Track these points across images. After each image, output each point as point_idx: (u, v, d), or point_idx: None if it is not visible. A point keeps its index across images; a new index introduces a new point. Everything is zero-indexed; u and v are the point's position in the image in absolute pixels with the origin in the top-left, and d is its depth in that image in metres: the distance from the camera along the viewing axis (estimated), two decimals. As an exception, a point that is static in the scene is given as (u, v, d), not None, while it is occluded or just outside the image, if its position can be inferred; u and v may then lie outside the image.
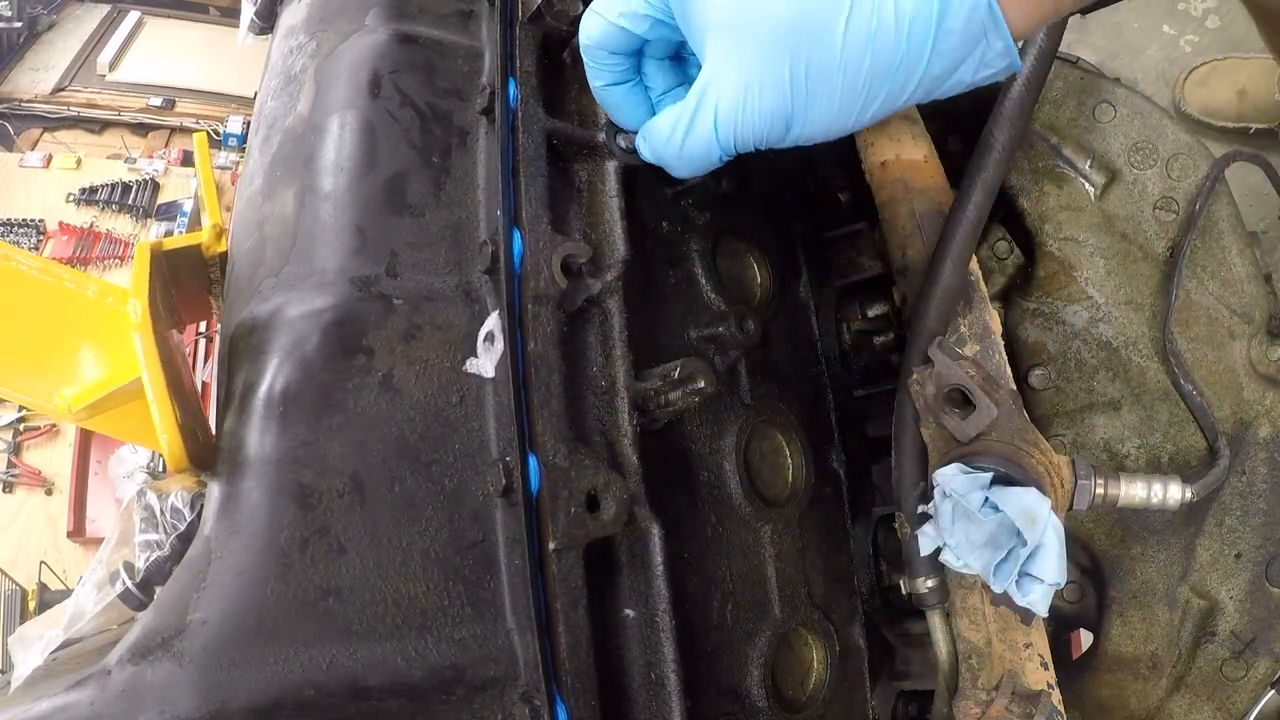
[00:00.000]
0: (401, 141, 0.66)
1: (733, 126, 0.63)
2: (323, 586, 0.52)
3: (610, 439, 0.65)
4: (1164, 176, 0.89)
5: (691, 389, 0.65)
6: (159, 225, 2.97)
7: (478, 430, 0.60)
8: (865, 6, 0.57)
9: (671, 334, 0.78)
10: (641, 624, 0.62)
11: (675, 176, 0.69)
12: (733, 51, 0.61)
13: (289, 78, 0.72)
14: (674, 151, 0.67)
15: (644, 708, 0.60)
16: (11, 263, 0.61)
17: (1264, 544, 0.84)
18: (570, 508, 0.58)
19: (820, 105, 0.61)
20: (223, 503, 0.53)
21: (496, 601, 0.56)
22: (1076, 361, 0.91)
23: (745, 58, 0.61)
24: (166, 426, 0.54)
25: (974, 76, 0.61)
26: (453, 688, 0.52)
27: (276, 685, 0.48)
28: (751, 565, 0.75)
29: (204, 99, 3.23)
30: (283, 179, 0.67)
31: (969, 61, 0.59)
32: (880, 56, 0.58)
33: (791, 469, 0.82)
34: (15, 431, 2.60)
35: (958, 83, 0.61)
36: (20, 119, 3.15)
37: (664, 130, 0.67)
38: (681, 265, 0.82)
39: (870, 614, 0.89)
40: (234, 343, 0.60)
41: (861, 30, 0.58)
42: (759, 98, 0.61)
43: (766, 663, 0.72)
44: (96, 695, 0.46)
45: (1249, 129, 1.93)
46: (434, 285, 0.63)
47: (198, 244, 0.70)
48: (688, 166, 0.68)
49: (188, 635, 0.48)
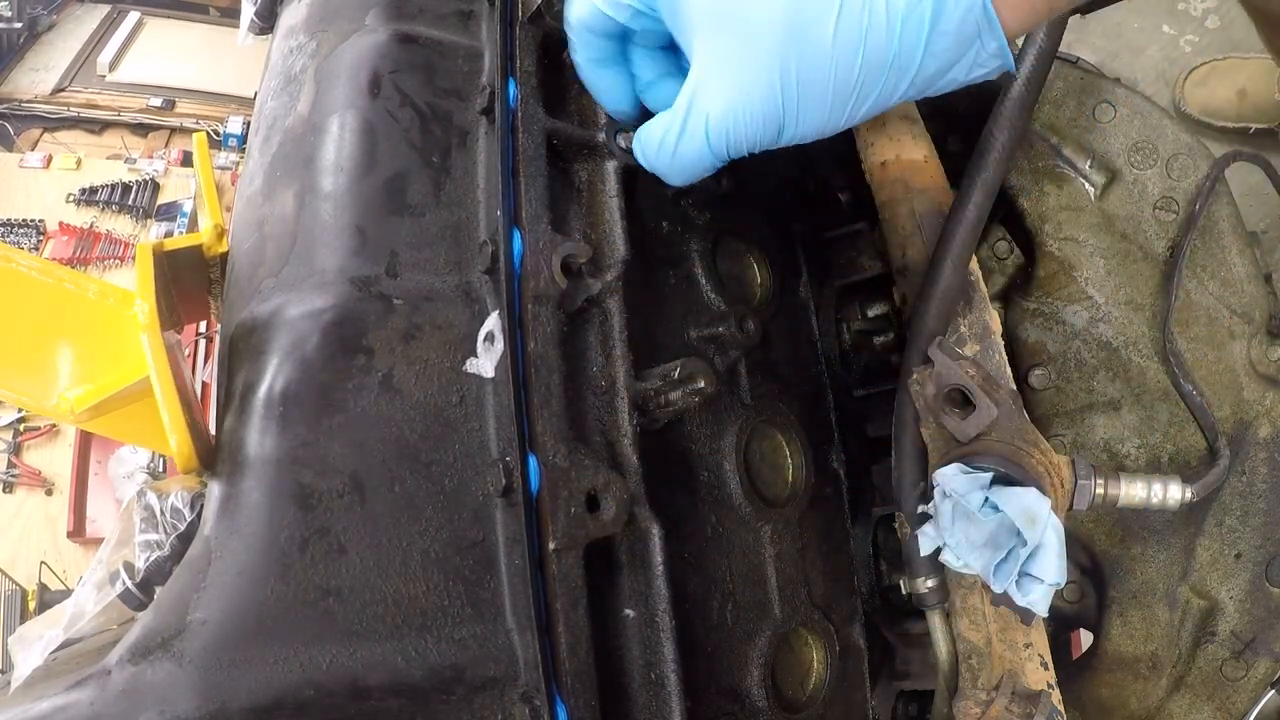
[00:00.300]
0: (401, 141, 0.66)
1: (725, 134, 0.62)
2: (323, 586, 0.52)
3: (610, 439, 0.65)
4: (1164, 176, 0.89)
5: (691, 389, 0.65)
6: (159, 225, 2.98)
7: (478, 430, 0.60)
8: (856, 5, 0.56)
9: (671, 334, 0.78)
10: (641, 624, 0.62)
11: (671, 185, 0.69)
12: (721, 53, 0.60)
13: (289, 78, 0.72)
14: (666, 160, 0.66)
15: (644, 708, 0.60)
16: (11, 264, 0.61)
17: (1264, 544, 0.84)
18: (570, 508, 0.58)
19: (812, 106, 0.60)
20: (223, 503, 0.53)
21: (496, 601, 0.56)
22: (1076, 361, 0.91)
23: (734, 60, 0.60)
24: (177, 427, 0.54)
25: (967, 76, 0.60)
26: (453, 688, 0.52)
27: (276, 685, 0.48)
28: (751, 565, 0.75)
29: (204, 99, 3.24)
30: (283, 179, 0.67)
31: (962, 62, 0.59)
32: (872, 56, 0.57)
33: (791, 469, 0.82)
34: (15, 431, 2.61)
35: (950, 81, 0.60)
36: (20, 119, 3.15)
37: (655, 138, 0.66)
38: (681, 265, 0.82)
39: (870, 614, 0.89)
40: (234, 343, 0.60)
41: (853, 30, 0.57)
42: (750, 102, 0.60)
43: (766, 663, 0.72)
44: (96, 695, 0.46)
45: (1249, 129, 1.93)
46: (434, 285, 0.63)
47: (198, 244, 0.70)
48: (681, 174, 0.67)
49: (188, 635, 0.48)
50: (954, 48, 0.57)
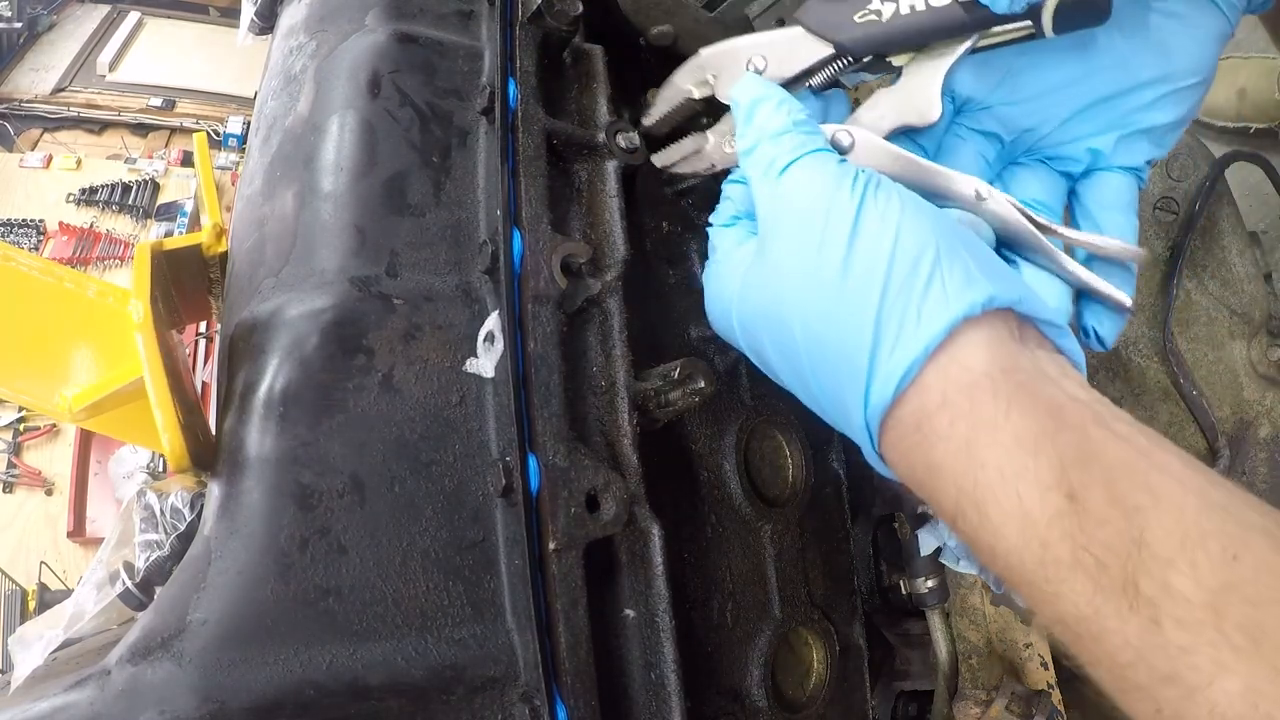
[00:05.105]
0: (401, 141, 0.66)
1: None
2: (323, 586, 0.52)
3: (610, 439, 0.65)
4: (1164, 176, 0.89)
5: (691, 389, 0.65)
6: (159, 225, 2.98)
7: (478, 430, 0.60)
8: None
9: (671, 334, 0.78)
10: (641, 624, 0.62)
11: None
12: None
13: (289, 78, 0.72)
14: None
15: (644, 708, 0.60)
16: (12, 263, 0.61)
17: (1264, 544, 0.84)
18: (570, 508, 0.58)
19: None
20: (223, 503, 0.53)
21: (496, 601, 0.56)
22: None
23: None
24: (169, 426, 0.54)
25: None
26: (453, 688, 0.52)
27: (277, 685, 0.48)
28: (751, 565, 0.75)
29: (204, 99, 3.24)
30: (283, 179, 0.67)
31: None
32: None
33: (791, 469, 0.82)
34: (15, 431, 2.61)
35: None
36: (20, 119, 3.15)
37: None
38: (681, 265, 0.82)
39: (870, 614, 0.88)
40: (234, 343, 0.60)
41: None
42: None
43: (766, 663, 0.72)
44: (96, 695, 0.46)
45: (1249, 129, 1.93)
46: (434, 285, 0.63)
47: (198, 244, 0.70)
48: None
49: (188, 635, 0.48)
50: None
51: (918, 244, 0.51)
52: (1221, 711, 0.39)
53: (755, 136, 0.60)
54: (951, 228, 0.53)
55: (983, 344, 0.49)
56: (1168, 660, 0.40)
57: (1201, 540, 0.41)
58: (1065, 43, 0.61)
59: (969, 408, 0.48)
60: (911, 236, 0.51)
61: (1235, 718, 0.38)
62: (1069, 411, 0.47)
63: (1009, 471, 0.46)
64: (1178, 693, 0.40)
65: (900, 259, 0.51)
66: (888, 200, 0.53)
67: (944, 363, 0.49)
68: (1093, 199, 0.66)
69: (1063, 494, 0.44)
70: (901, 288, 0.50)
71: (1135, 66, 0.63)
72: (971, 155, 0.66)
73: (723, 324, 0.64)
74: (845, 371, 0.52)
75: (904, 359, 0.49)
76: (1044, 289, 0.61)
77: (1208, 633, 0.39)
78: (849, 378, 0.52)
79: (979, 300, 0.49)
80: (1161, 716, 0.41)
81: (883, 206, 0.53)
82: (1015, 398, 0.48)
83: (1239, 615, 0.39)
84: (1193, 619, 0.40)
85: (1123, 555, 0.42)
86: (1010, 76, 0.64)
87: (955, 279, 0.50)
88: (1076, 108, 0.64)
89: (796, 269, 0.54)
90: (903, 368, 0.49)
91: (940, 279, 0.50)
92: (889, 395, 0.50)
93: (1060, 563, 0.44)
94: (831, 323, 0.52)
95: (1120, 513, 0.43)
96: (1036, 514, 0.45)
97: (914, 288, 0.50)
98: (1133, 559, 0.42)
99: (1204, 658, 0.39)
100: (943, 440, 0.49)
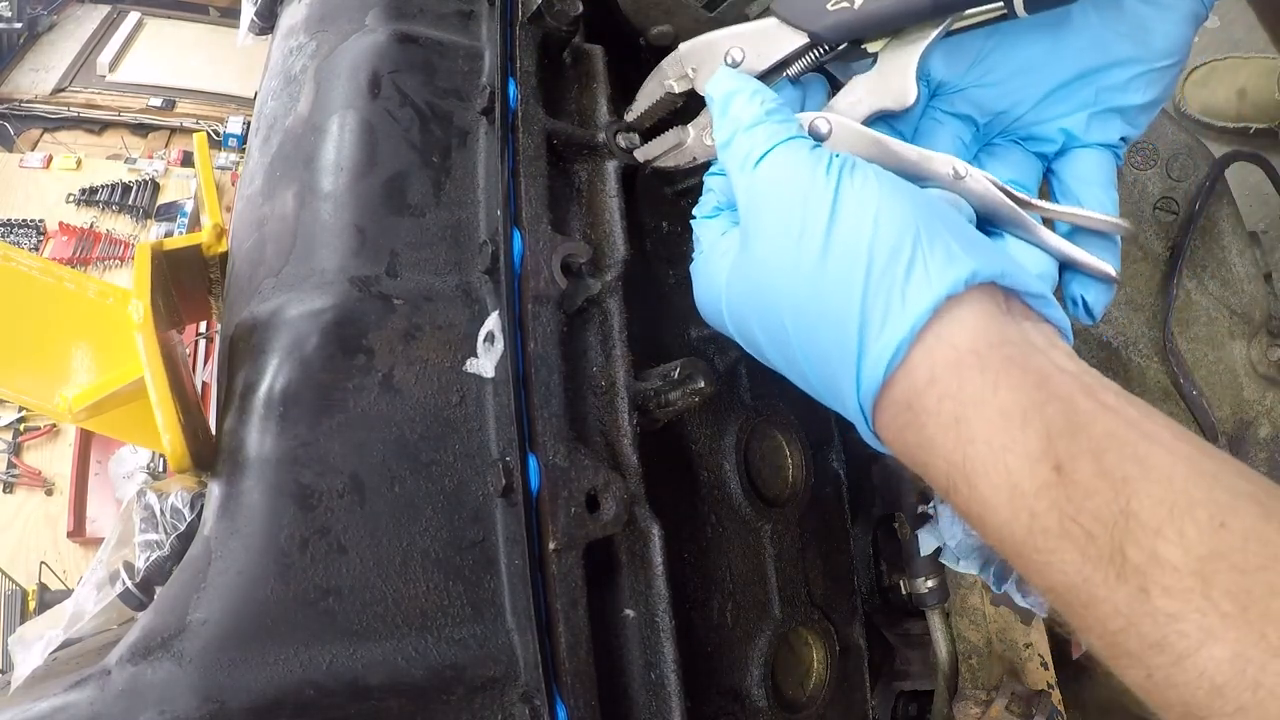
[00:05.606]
0: (401, 141, 0.66)
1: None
2: (323, 586, 0.52)
3: (610, 439, 0.65)
4: (1164, 176, 0.89)
5: (691, 389, 0.65)
6: (159, 226, 2.98)
7: (478, 430, 0.60)
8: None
9: (671, 334, 0.78)
10: (641, 624, 0.62)
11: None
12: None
13: (289, 78, 0.72)
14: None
15: (644, 708, 0.60)
16: (12, 263, 0.61)
17: (1264, 544, 0.84)
18: (570, 508, 0.58)
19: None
20: (223, 503, 0.53)
21: (496, 601, 0.56)
22: (1076, 361, 0.91)
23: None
24: (169, 426, 0.54)
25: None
26: (453, 688, 0.52)
27: (277, 685, 0.48)
28: (752, 565, 0.75)
29: (204, 99, 3.24)
30: (283, 179, 0.67)
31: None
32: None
33: (791, 469, 0.82)
34: (15, 431, 2.61)
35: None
36: (20, 119, 3.15)
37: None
38: (681, 265, 0.82)
39: (870, 614, 0.89)
40: (234, 343, 0.60)
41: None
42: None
43: (766, 663, 0.72)
44: (96, 695, 0.46)
45: (1249, 129, 1.93)
46: (434, 285, 0.63)
47: (198, 244, 0.70)
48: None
49: (188, 635, 0.48)
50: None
51: (897, 225, 0.51)
52: (1210, 677, 0.39)
53: (730, 129, 0.60)
54: (931, 206, 0.53)
55: (969, 320, 0.50)
56: (1156, 627, 0.40)
57: (1190, 509, 0.41)
58: (1038, 22, 0.61)
59: (957, 384, 0.48)
60: (890, 218, 0.51)
61: (1223, 683, 0.38)
62: (1056, 383, 0.47)
63: (997, 444, 0.46)
64: (1167, 659, 0.40)
65: (880, 241, 0.51)
66: (864, 182, 0.53)
67: (930, 342, 0.50)
68: (1071, 175, 0.66)
69: (1050, 465, 0.45)
70: (884, 270, 0.50)
71: (1110, 46, 0.63)
72: (948, 138, 0.66)
73: (713, 315, 0.64)
74: (836, 356, 0.52)
75: (891, 341, 0.50)
76: (1027, 260, 0.61)
77: (1195, 600, 0.39)
78: (840, 362, 0.52)
79: (962, 277, 0.49)
80: (1152, 682, 0.42)
81: (859, 189, 0.53)
82: (1003, 371, 0.48)
83: (1227, 582, 0.39)
84: (1180, 587, 0.40)
85: (1110, 525, 0.42)
86: (982, 58, 0.64)
87: (937, 258, 0.50)
88: (1049, 88, 0.64)
89: (779, 259, 0.55)
90: (890, 350, 0.50)
91: (922, 258, 0.50)
92: (879, 377, 0.51)
93: (1049, 533, 0.44)
94: (818, 309, 0.53)
95: (1108, 483, 0.43)
96: (1025, 486, 0.45)
97: (896, 269, 0.50)
98: (1120, 528, 0.42)
99: (1192, 624, 0.39)
100: (933, 417, 0.49)
